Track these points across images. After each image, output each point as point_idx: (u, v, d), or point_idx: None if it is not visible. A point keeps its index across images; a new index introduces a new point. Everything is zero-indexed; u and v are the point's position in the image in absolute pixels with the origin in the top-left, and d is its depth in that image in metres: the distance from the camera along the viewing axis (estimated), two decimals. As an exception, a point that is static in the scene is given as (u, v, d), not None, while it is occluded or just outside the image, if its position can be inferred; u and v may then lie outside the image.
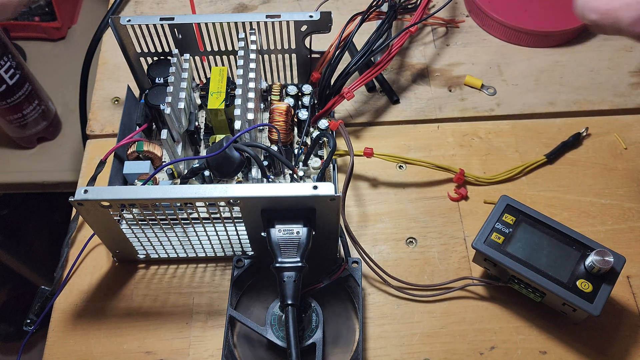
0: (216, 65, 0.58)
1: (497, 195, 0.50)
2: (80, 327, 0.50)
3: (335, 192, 0.41)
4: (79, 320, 0.50)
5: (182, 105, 0.51)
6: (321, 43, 0.57)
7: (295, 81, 0.60)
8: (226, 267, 0.52)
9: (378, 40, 0.55)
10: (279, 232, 0.43)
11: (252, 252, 0.50)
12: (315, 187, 0.41)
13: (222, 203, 0.43)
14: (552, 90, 0.63)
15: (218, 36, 0.54)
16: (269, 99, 0.58)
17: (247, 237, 0.48)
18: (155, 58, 0.56)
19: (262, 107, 0.58)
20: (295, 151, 0.55)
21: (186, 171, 0.51)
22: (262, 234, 0.44)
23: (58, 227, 1.05)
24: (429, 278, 0.52)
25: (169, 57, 0.56)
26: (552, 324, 0.49)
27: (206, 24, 0.53)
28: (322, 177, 0.52)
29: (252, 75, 0.51)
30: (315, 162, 0.54)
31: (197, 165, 0.50)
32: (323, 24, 0.53)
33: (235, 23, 0.53)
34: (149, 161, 0.53)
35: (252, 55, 0.53)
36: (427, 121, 0.62)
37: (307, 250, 0.43)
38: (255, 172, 0.51)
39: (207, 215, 0.47)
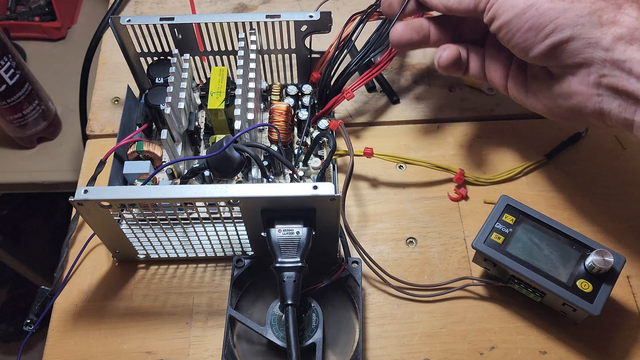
0: (216, 65, 0.58)
1: (497, 195, 0.50)
2: (80, 327, 0.50)
3: (335, 192, 0.41)
4: (79, 320, 0.50)
5: (182, 105, 0.51)
6: (321, 43, 0.57)
7: (295, 81, 0.60)
8: (226, 267, 0.52)
9: (378, 40, 0.55)
10: (279, 232, 0.43)
11: (252, 252, 0.50)
12: (315, 187, 0.41)
13: (222, 203, 0.43)
14: (552, 90, 0.63)
15: (218, 36, 0.54)
16: (269, 99, 0.58)
17: (247, 237, 0.48)
18: (155, 58, 0.56)
19: (262, 107, 0.58)
20: (295, 151, 0.55)
21: (186, 171, 0.51)
22: (262, 234, 0.44)
23: (58, 227, 1.05)
24: (429, 278, 0.52)
25: (169, 57, 0.56)
26: (552, 324, 0.49)
27: (206, 24, 0.53)
28: (322, 177, 0.52)
29: (252, 75, 0.51)
30: (315, 162, 0.54)
31: (197, 165, 0.50)
32: (323, 24, 0.53)
33: (235, 23, 0.53)
34: (149, 161, 0.53)
35: (252, 55, 0.53)
36: (427, 121, 0.62)
37: (307, 250, 0.43)
38: (255, 172, 0.51)
39: (207, 215, 0.47)
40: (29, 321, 0.50)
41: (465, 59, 0.50)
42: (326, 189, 0.41)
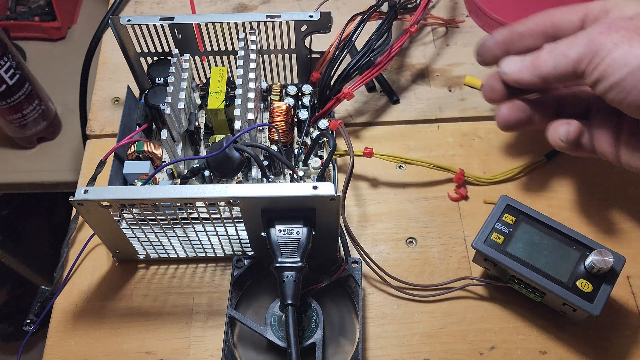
0: (216, 65, 0.58)
1: (497, 195, 0.50)
2: (80, 327, 0.50)
3: (335, 192, 0.41)
4: (79, 320, 0.50)
5: (182, 105, 0.51)
6: (321, 43, 0.57)
7: (295, 81, 0.60)
8: (226, 267, 0.52)
9: (378, 40, 0.55)
10: (279, 232, 0.43)
11: (252, 252, 0.50)
12: (315, 187, 0.41)
13: (222, 203, 0.43)
14: (552, 90, 0.63)
15: (218, 36, 0.54)
16: (269, 99, 0.58)
17: (247, 237, 0.48)
18: (155, 58, 0.56)
19: (262, 107, 0.58)
20: (295, 151, 0.55)
21: (186, 171, 0.51)
22: (262, 234, 0.44)
23: (58, 227, 1.05)
24: (429, 278, 0.52)
25: (169, 57, 0.56)
26: (552, 324, 0.49)
27: (206, 24, 0.53)
28: (322, 177, 0.52)
29: (252, 75, 0.51)
30: (315, 162, 0.54)
31: (197, 165, 0.50)
32: (323, 24, 0.53)
33: (235, 23, 0.53)
34: (149, 161, 0.53)
35: (252, 55, 0.53)
36: (427, 121, 0.62)
37: (307, 250, 0.43)
38: (255, 172, 0.51)
39: (207, 215, 0.47)
40: (29, 321, 0.50)
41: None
42: (326, 189, 0.41)
